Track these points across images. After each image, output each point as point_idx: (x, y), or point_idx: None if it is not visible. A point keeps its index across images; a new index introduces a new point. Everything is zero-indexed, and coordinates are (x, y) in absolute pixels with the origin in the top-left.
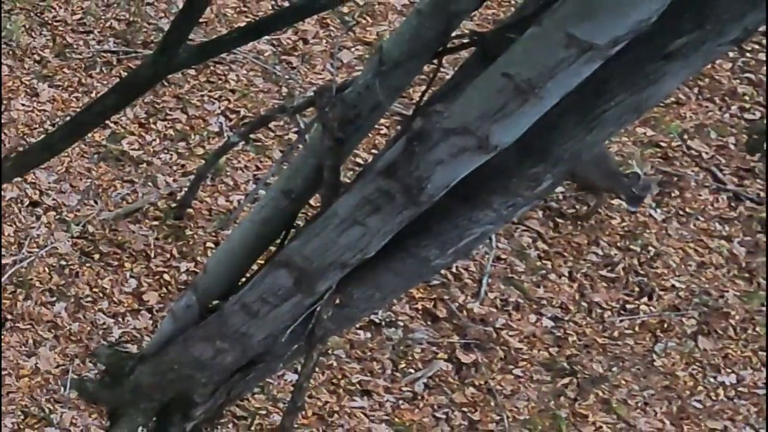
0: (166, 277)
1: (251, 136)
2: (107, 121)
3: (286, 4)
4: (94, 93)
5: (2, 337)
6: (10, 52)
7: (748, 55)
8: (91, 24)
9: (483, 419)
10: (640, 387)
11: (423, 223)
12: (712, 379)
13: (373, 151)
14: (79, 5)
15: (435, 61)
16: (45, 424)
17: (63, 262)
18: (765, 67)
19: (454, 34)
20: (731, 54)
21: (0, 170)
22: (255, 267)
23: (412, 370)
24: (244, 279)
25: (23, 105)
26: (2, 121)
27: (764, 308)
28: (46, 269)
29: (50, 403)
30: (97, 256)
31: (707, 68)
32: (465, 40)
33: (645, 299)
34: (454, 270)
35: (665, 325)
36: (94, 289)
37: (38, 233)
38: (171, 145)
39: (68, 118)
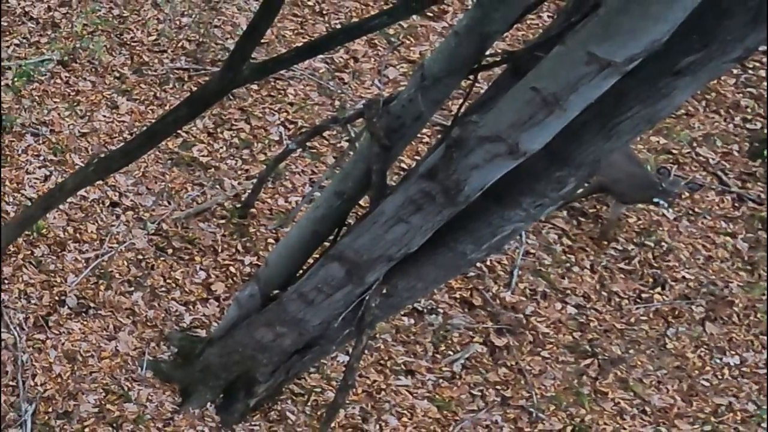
0: (232, 269)
1: (307, 143)
2: (179, 131)
3: (339, 25)
4: (168, 106)
5: (61, 321)
6: (93, 69)
7: (750, 71)
8: (165, 44)
9: (514, 396)
10: (654, 367)
11: (460, 221)
12: (718, 360)
13: (416, 157)
14: (154, 27)
15: (471, 76)
16: (124, 400)
17: (140, 256)
18: (765, 82)
19: (487, 53)
20: (735, 70)
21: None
22: (311, 260)
23: (450, 353)
24: (301, 271)
25: (104, 116)
26: (86, 130)
27: (765, 297)
28: (125, 262)
29: (128, 381)
30: (170, 251)
31: (713, 83)
32: (497, 58)
33: (658, 289)
34: (488, 263)
35: (676, 312)
36: (168, 280)
37: (118, 230)
38: (236, 152)
39: (144, 128)
